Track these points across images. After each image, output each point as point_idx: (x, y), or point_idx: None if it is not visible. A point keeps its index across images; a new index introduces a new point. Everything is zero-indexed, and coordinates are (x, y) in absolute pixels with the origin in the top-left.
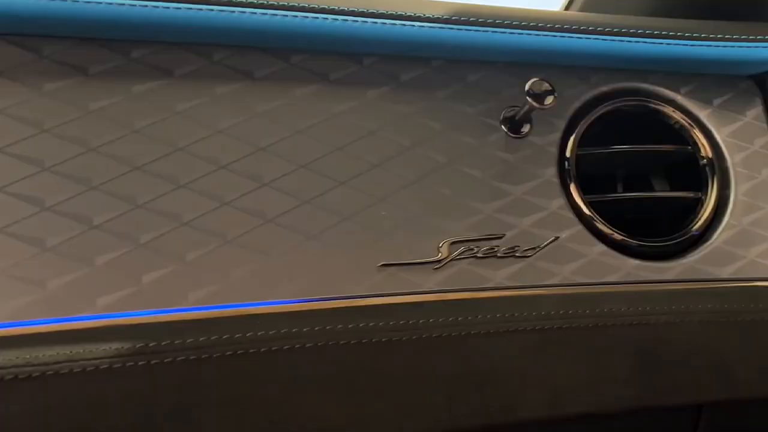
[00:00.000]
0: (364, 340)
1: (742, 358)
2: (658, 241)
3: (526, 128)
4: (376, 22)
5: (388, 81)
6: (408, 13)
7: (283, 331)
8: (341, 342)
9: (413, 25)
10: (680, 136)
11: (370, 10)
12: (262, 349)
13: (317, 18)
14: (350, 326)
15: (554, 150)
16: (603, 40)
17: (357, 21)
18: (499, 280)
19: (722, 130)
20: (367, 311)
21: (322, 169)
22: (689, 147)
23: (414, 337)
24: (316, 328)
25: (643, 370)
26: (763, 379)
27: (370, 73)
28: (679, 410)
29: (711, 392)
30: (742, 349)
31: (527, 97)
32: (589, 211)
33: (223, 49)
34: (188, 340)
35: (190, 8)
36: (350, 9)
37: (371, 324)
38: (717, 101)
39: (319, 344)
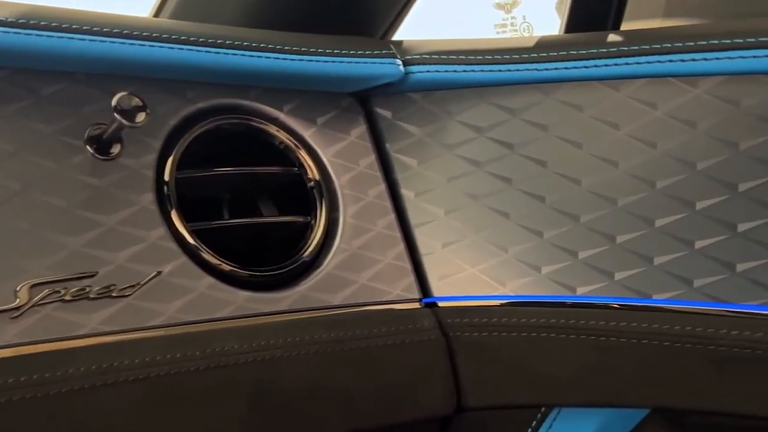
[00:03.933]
0: None
1: (360, 386)
2: (269, 271)
3: (116, 149)
4: None
5: None
6: None
7: None
8: None
9: None
10: (286, 156)
11: None
12: None
13: None
14: None
15: (150, 173)
16: (197, 51)
17: None
18: (93, 325)
19: (327, 151)
20: None
21: None
22: (296, 168)
23: None
24: None
25: (260, 409)
26: (381, 405)
27: None
28: None
29: (333, 426)
30: (360, 377)
31: (115, 114)
32: (194, 240)
33: None
34: None
35: None
36: None
37: None
38: (321, 120)
39: None
